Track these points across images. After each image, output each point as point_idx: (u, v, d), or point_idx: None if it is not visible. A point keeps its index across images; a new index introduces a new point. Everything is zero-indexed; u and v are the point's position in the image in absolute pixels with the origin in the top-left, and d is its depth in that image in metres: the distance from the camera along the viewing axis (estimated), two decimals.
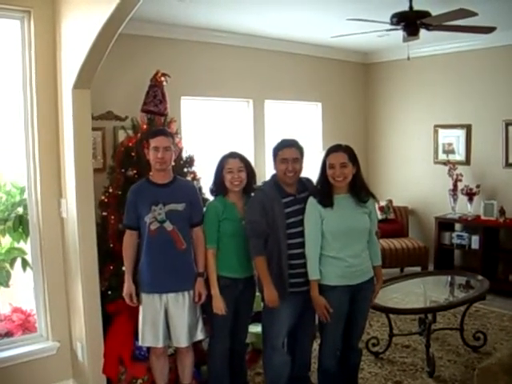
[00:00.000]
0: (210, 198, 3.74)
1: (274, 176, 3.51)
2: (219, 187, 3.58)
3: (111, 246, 3.97)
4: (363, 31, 4.96)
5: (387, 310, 4.43)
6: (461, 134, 6.74)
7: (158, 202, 3.42)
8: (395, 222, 7.11)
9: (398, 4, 4.37)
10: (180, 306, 3.47)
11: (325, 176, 3.37)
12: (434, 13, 4.32)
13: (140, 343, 3.58)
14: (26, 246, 4.13)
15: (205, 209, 3.63)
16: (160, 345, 3.52)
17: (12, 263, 4.19)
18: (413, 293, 4.84)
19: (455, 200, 6.58)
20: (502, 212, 6.16)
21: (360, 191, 3.41)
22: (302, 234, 3.35)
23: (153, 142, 3.43)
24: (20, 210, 4.16)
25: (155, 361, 3.66)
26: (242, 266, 3.53)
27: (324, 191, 3.37)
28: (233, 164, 3.52)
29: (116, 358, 3.81)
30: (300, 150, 3.47)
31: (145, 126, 4.26)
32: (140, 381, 3.82)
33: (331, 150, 3.39)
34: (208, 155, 5.07)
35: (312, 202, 3.36)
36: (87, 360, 3.79)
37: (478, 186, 6.40)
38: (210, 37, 5.85)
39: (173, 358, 3.81)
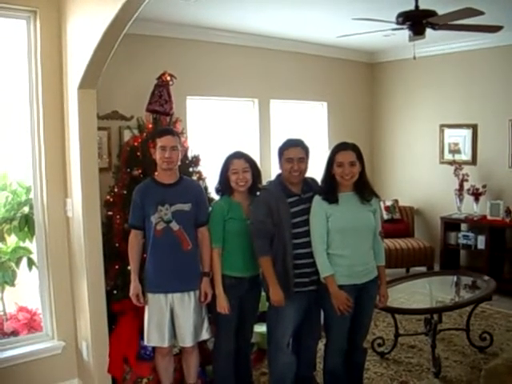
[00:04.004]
0: (216, 197, 3.75)
1: (279, 176, 3.51)
2: (224, 187, 3.58)
3: (117, 245, 3.97)
4: (369, 31, 4.95)
5: (393, 310, 4.42)
6: (467, 133, 6.71)
7: (164, 202, 3.42)
8: (401, 222, 7.09)
9: (404, 3, 4.35)
10: (186, 305, 3.48)
11: (330, 173, 3.37)
12: (440, 12, 4.30)
13: (145, 343, 3.59)
14: (31, 245, 4.14)
15: (210, 208, 3.63)
16: (165, 344, 3.52)
17: (18, 262, 4.19)
18: (418, 293, 4.83)
19: (461, 200, 6.56)
20: (508, 212, 6.14)
21: (364, 189, 3.41)
22: (307, 234, 3.35)
23: (160, 142, 3.44)
24: (26, 209, 4.17)
25: (160, 360, 3.66)
26: (248, 266, 3.53)
27: (329, 188, 3.37)
28: (238, 164, 3.52)
29: (121, 358, 3.82)
30: (305, 149, 3.46)
31: (150, 126, 4.27)
32: (145, 380, 3.82)
33: (340, 148, 3.38)
34: (214, 155, 5.07)
35: (317, 199, 3.36)
36: (92, 359, 3.80)
37: (484, 186, 6.38)
38: (216, 36, 5.86)
39: (178, 358, 3.82)
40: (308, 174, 3.53)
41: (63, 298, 3.93)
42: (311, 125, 7.17)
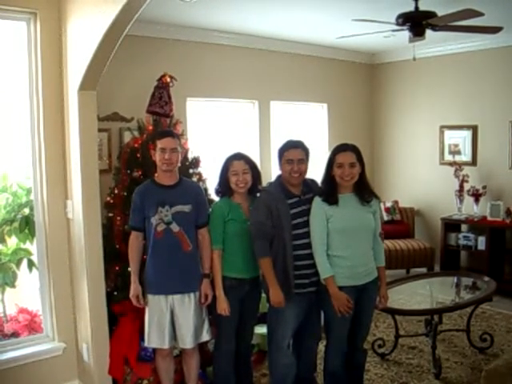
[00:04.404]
0: (216, 198, 3.75)
1: (279, 177, 3.51)
2: (224, 188, 3.58)
3: (117, 246, 3.98)
4: (369, 32, 4.96)
5: (393, 311, 4.41)
6: (467, 134, 6.71)
7: (164, 204, 3.42)
8: (401, 223, 7.09)
9: (404, 4, 4.36)
10: (186, 307, 3.48)
11: (330, 174, 3.37)
12: (439, 13, 4.31)
13: (146, 344, 3.59)
14: (32, 246, 4.14)
15: (210, 209, 3.63)
16: (166, 346, 3.52)
17: (18, 264, 4.19)
18: (419, 294, 4.83)
19: (461, 201, 6.56)
20: (508, 213, 6.14)
21: (364, 191, 3.41)
22: (307, 235, 3.35)
23: (160, 143, 3.44)
24: (26, 210, 4.17)
25: (161, 362, 3.66)
26: (248, 267, 3.53)
27: (329, 189, 3.37)
28: (237, 166, 3.52)
29: (122, 359, 3.82)
30: (305, 150, 3.46)
31: (150, 127, 4.27)
32: (145, 382, 3.82)
33: (340, 150, 3.38)
34: (214, 156, 5.07)
35: (317, 200, 3.36)
36: (93, 361, 3.80)
37: (484, 187, 6.38)
38: (216, 38, 5.86)
39: (178, 359, 3.81)
40: (308, 176, 3.53)
41: (63, 299, 3.93)
42: (311, 126, 7.17)
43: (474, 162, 6.69)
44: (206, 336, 3.62)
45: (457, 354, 4.55)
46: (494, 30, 4.59)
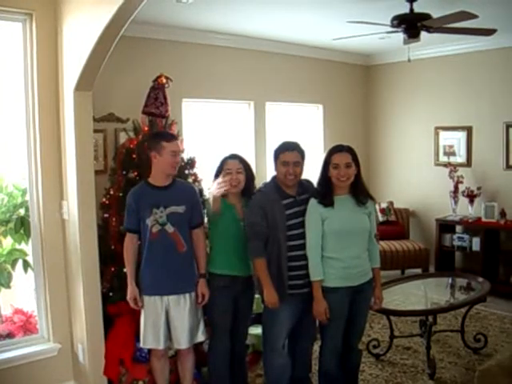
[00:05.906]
0: None
1: (274, 178, 3.51)
2: None
3: (112, 247, 3.98)
4: (364, 33, 4.97)
5: (388, 312, 4.42)
6: (462, 135, 6.74)
7: (158, 205, 3.42)
8: (396, 224, 7.11)
9: (399, 6, 4.38)
10: (181, 308, 3.48)
11: (326, 176, 3.38)
12: (434, 15, 4.33)
13: (141, 345, 3.59)
14: (27, 247, 4.13)
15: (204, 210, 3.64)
16: (161, 347, 3.53)
17: (13, 264, 4.18)
18: (414, 295, 4.84)
19: (456, 202, 6.59)
20: (502, 214, 6.16)
21: (360, 192, 3.42)
22: (302, 236, 3.36)
23: (170, 147, 3.43)
24: (22, 211, 4.16)
25: (156, 362, 3.66)
26: (241, 265, 3.54)
27: (325, 191, 3.38)
28: (231, 165, 3.54)
29: (117, 360, 3.82)
30: (301, 153, 3.46)
31: (146, 128, 4.27)
32: (141, 382, 3.82)
33: (335, 150, 3.39)
34: (209, 157, 5.08)
35: (313, 202, 3.37)
36: (88, 361, 3.80)
37: (478, 188, 6.41)
38: (212, 39, 5.87)
39: (173, 360, 3.82)
40: (303, 176, 3.53)
41: (59, 300, 3.93)
42: (307, 127, 7.18)
43: (468, 163, 6.71)
44: (201, 336, 3.62)
45: (451, 354, 4.57)
46: (489, 32, 4.61)
